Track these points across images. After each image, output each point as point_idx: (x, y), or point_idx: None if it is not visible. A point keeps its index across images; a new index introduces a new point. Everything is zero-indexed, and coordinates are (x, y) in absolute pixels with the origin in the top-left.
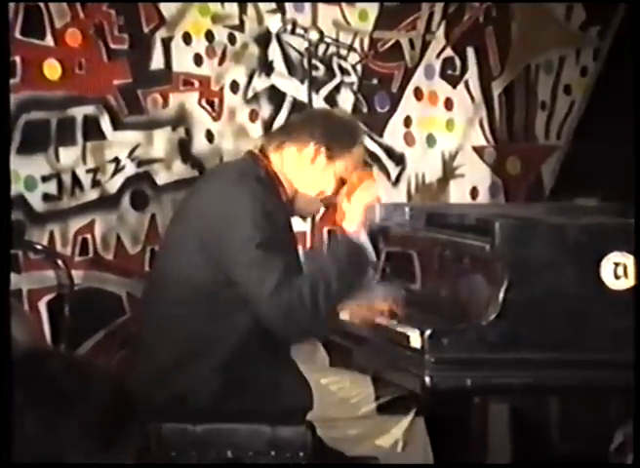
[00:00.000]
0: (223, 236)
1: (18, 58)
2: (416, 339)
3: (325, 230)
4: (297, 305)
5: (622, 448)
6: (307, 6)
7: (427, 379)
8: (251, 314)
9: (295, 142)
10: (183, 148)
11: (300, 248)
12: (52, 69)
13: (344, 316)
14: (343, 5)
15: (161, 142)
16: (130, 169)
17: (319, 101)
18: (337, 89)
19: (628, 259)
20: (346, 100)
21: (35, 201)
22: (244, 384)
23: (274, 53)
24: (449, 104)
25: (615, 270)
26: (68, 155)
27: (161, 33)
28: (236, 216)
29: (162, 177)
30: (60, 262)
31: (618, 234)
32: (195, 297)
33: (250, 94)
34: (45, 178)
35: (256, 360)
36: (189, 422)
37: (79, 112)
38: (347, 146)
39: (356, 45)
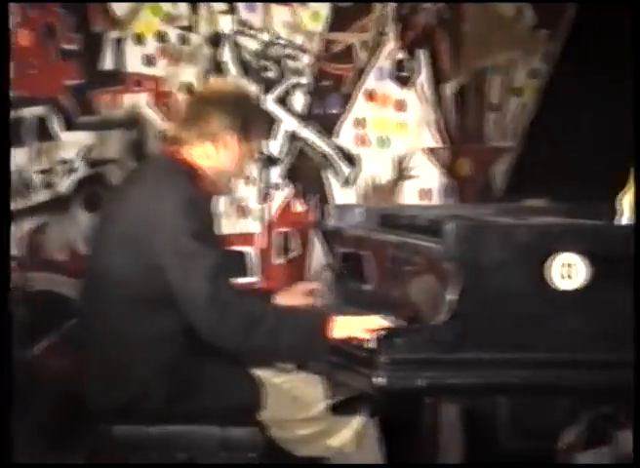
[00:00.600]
0: (155, 231)
1: None
2: (368, 337)
3: (277, 231)
4: (235, 313)
5: (572, 447)
6: (259, 7)
7: (380, 380)
8: None
9: (207, 134)
10: (137, 149)
11: (251, 249)
12: None
13: (280, 299)
14: (295, 6)
15: (114, 143)
16: (82, 170)
17: (271, 103)
18: (289, 90)
19: (577, 260)
20: (299, 102)
21: None
22: (192, 384)
23: (226, 54)
24: (401, 106)
25: (563, 271)
26: (19, 156)
27: (112, 34)
28: (166, 210)
29: (115, 178)
30: (12, 264)
31: (566, 234)
32: (132, 298)
33: None
34: None
35: (202, 359)
36: (141, 424)
37: (30, 113)
38: (258, 124)
39: (308, 46)
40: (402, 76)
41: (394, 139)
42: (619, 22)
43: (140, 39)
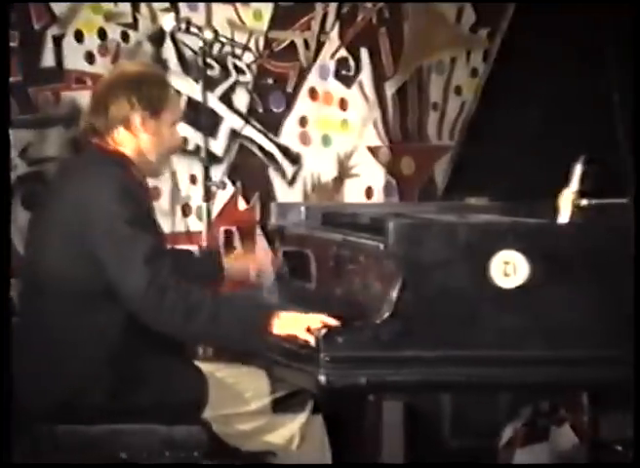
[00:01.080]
0: (90, 223)
1: None
2: (311, 338)
3: (221, 229)
4: (173, 297)
5: (511, 443)
6: (202, 5)
7: (322, 378)
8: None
9: (117, 119)
10: (76, 147)
11: (195, 247)
12: None
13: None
14: (238, 4)
15: (53, 141)
16: (21, 168)
17: (214, 101)
18: (232, 88)
19: (517, 258)
20: (241, 100)
21: None
22: (134, 380)
23: (168, 51)
24: (343, 104)
25: (504, 269)
26: None
27: (52, 31)
28: (99, 201)
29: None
30: None
31: (507, 233)
32: (70, 293)
33: None
34: None
35: (145, 354)
36: (82, 423)
37: None
38: (164, 97)
39: (251, 44)
40: (344, 75)
41: (337, 138)
42: (557, 21)
43: (80, 36)
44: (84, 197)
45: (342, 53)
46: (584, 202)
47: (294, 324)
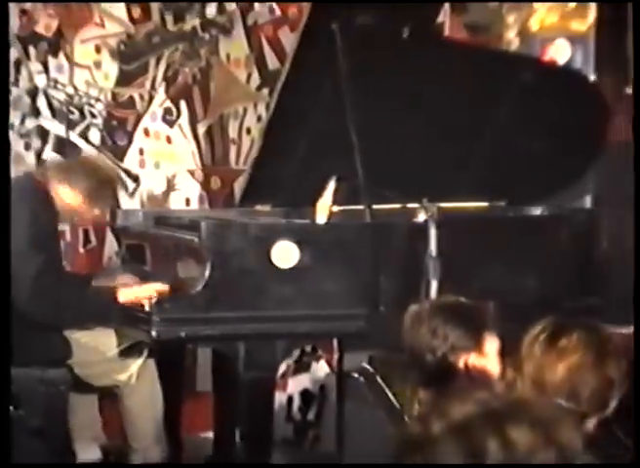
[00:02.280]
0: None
1: None
2: (147, 304)
3: (80, 229)
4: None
5: (285, 374)
6: (66, 68)
7: (154, 333)
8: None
9: (63, 183)
10: None
11: (62, 242)
12: None
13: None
14: (93, 69)
15: None
16: None
17: (74, 136)
18: (87, 128)
19: (291, 247)
20: (95, 136)
21: None
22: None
23: (41, 102)
24: (169, 140)
25: (281, 254)
26: None
27: None
28: (15, 219)
29: None
30: None
31: (283, 229)
32: None
33: (23, 131)
34: None
35: (28, 329)
36: None
37: None
38: (102, 196)
39: (101, 97)
40: (169, 119)
41: (165, 164)
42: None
43: None
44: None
45: (168, 103)
46: (335, 208)
47: (134, 294)
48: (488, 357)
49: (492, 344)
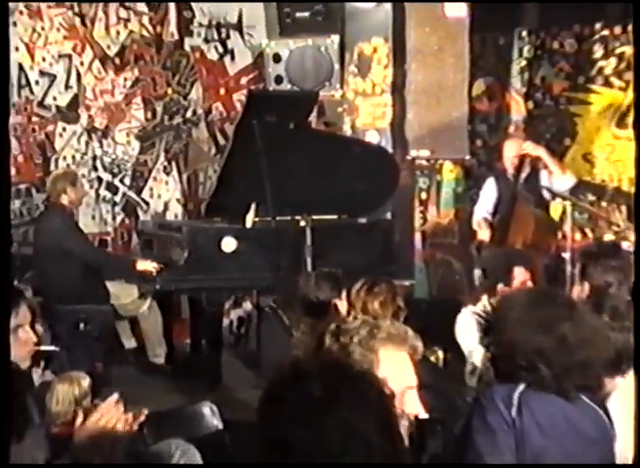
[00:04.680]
0: None
1: None
2: (154, 271)
3: (118, 232)
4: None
5: (228, 309)
6: (112, 145)
7: (157, 286)
8: None
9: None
10: None
11: (109, 239)
12: None
13: None
14: (125, 145)
15: None
16: None
17: (116, 181)
18: (123, 176)
19: (231, 241)
20: (127, 181)
21: None
22: (91, 294)
23: (98, 163)
24: (167, 183)
25: (226, 244)
26: None
27: None
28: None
29: None
30: None
31: (227, 230)
32: None
33: (89, 178)
34: None
35: (94, 284)
36: None
37: None
38: (73, 192)
39: (130, 160)
40: (166, 171)
41: (164, 195)
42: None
43: None
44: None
45: (165, 163)
46: (255, 219)
47: (143, 266)
48: (342, 301)
49: (343, 294)
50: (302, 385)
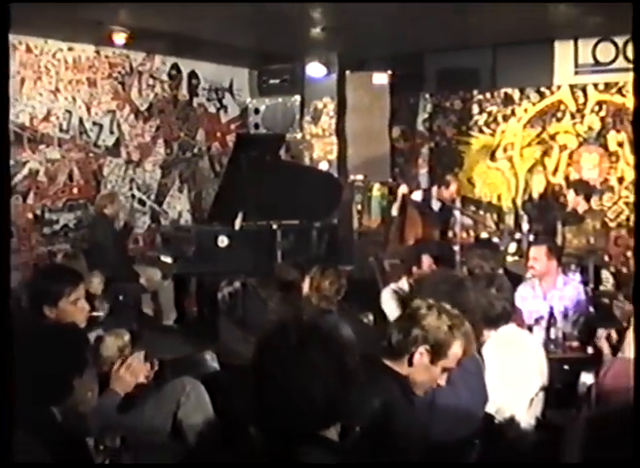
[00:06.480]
0: None
1: None
2: (170, 260)
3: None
4: None
5: (222, 287)
6: (143, 173)
7: (174, 271)
8: None
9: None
10: None
11: (140, 239)
12: None
13: None
14: (151, 173)
15: None
16: None
17: (149, 200)
18: (149, 195)
19: (224, 239)
20: (152, 197)
21: None
22: (124, 277)
23: (134, 186)
24: (180, 198)
25: (221, 241)
26: None
27: None
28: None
29: None
30: None
31: (222, 231)
32: None
33: (124, 197)
34: None
35: (126, 270)
36: None
37: None
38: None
39: (155, 184)
40: (181, 190)
41: (178, 207)
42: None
43: None
44: None
45: (180, 185)
46: (243, 223)
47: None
48: (304, 282)
49: (305, 277)
50: (284, 336)
